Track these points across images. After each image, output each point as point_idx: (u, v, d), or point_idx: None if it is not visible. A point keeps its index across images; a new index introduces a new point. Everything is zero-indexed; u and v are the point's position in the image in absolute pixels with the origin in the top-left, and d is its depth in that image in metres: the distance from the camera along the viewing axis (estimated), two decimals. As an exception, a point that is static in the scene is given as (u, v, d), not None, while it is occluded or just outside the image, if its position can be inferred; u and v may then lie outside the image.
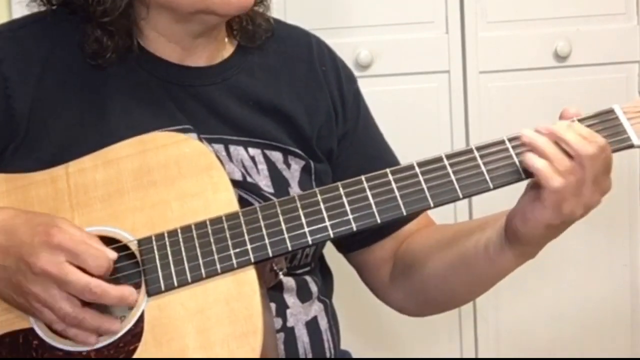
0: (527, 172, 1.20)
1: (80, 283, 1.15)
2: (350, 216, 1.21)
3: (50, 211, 1.24)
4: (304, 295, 1.41)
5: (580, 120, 1.22)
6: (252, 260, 1.20)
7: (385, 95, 2.19)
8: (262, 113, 1.40)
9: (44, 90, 1.33)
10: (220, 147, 1.35)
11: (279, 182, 1.38)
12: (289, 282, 1.38)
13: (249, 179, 1.36)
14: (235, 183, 1.32)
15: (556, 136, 1.18)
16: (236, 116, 1.38)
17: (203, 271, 1.19)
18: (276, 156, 1.40)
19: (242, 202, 1.31)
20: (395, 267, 1.47)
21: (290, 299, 1.38)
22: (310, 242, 1.21)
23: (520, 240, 1.26)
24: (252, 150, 1.38)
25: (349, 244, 1.49)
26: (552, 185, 1.17)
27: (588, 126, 1.21)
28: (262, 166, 1.38)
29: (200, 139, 1.33)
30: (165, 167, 1.25)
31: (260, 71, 1.43)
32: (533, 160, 1.17)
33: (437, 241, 1.41)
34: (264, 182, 1.37)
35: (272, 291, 1.33)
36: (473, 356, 2.36)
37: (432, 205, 1.21)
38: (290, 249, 1.20)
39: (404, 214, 1.21)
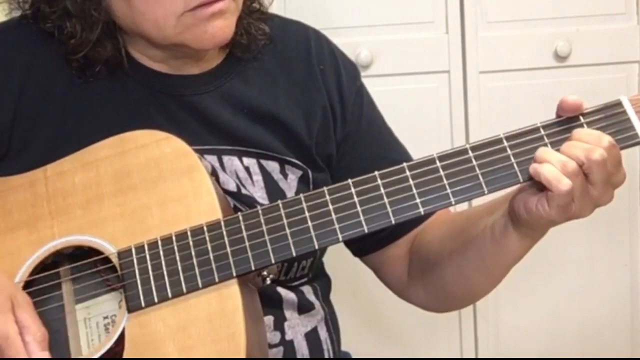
0: (525, 176, 1.15)
1: None
2: (337, 226, 1.15)
3: (30, 218, 1.21)
4: (304, 306, 1.38)
5: (584, 115, 1.16)
6: (234, 274, 1.15)
7: (385, 95, 2.16)
8: (257, 121, 1.35)
9: (26, 99, 1.29)
10: (213, 159, 1.32)
11: (275, 193, 1.34)
12: (287, 294, 1.35)
13: (243, 191, 1.32)
14: (229, 194, 1.29)
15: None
16: (230, 125, 1.34)
17: (184, 286, 1.15)
18: (272, 166, 1.35)
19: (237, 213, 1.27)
20: (411, 262, 1.43)
21: (288, 312, 1.35)
22: (294, 254, 1.16)
23: (523, 224, 1.21)
24: (246, 161, 1.34)
25: (362, 248, 1.45)
26: (561, 190, 1.12)
27: (593, 121, 1.15)
28: (257, 177, 1.34)
29: None
30: (145, 168, 1.21)
31: (255, 76, 1.39)
32: (538, 170, 1.13)
33: (448, 230, 1.36)
34: (259, 194, 1.33)
35: (269, 304, 1.30)
36: (473, 356, 2.36)
37: (422, 212, 1.15)
38: (273, 261, 1.16)
39: (392, 222, 1.15)
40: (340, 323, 1.49)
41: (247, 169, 1.34)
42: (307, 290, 1.40)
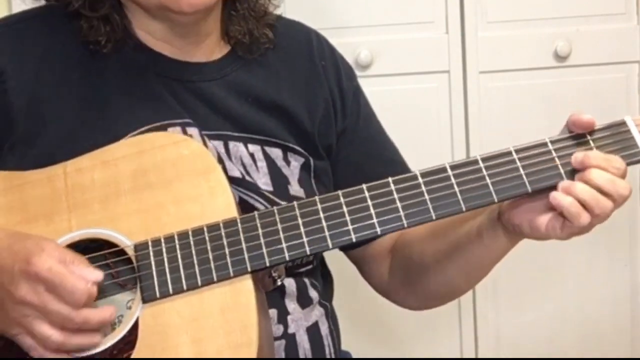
0: (534, 186, 1.20)
1: (61, 313, 1.12)
2: (350, 227, 1.19)
3: (47, 212, 1.23)
4: (304, 301, 1.39)
5: (590, 133, 1.21)
6: (249, 269, 1.17)
7: (385, 95, 2.18)
8: (261, 109, 1.39)
9: (41, 85, 1.31)
10: (219, 144, 1.34)
11: (278, 180, 1.37)
12: (290, 286, 1.37)
13: (247, 178, 1.35)
14: (233, 181, 1.31)
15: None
16: (236, 112, 1.37)
17: (199, 279, 1.17)
18: (276, 153, 1.38)
19: (241, 201, 1.30)
20: (392, 261, 1.47)
21: (291, 305, 1.37)
22: (308, 253, 1.19)
23: (518, 233, 1.27)
24: (251, 147, 1.37)
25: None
26: (581, 223, 1.19)
27: (599, 138, 1.21)
28: (262, 163, 1.37)
29: (201, 135, 1.32)
30: (162, 169, 1.23)
31: (259, 68, 1.42)
32: (559, 200, 1.18)
33: (431, 232, 1.39)
34: (263, 181, 1.36)
35: (273, 297, 1.32)
36: (473, 356, 2.36)
37: (434, 217, 1.19)
38: (287, 259, 1.18)
39: (405, 226, 1.19)
40: (340, 323, 1.49)
41: (252, 155, 1.37)
42: (310, 285, 1.41)
